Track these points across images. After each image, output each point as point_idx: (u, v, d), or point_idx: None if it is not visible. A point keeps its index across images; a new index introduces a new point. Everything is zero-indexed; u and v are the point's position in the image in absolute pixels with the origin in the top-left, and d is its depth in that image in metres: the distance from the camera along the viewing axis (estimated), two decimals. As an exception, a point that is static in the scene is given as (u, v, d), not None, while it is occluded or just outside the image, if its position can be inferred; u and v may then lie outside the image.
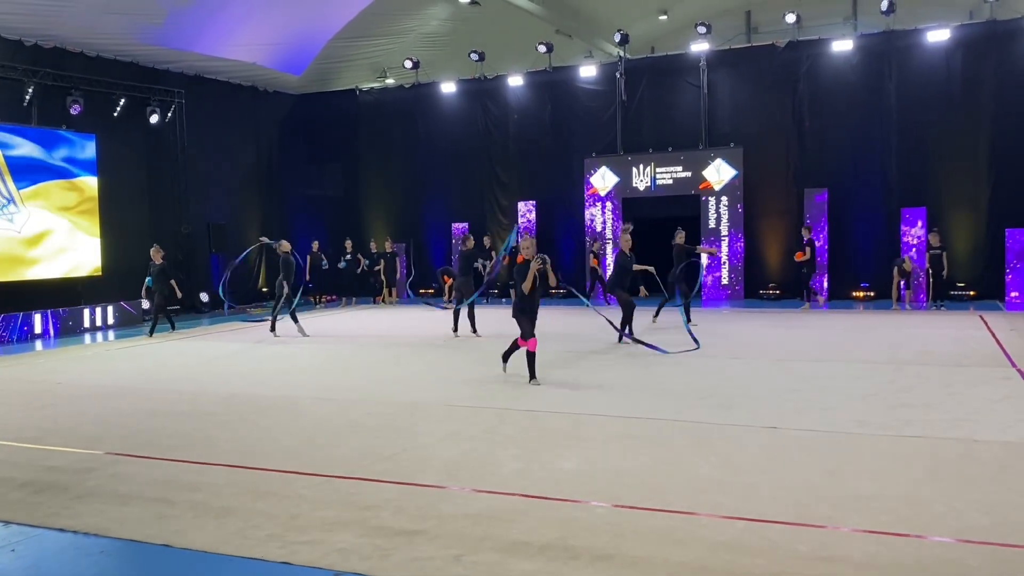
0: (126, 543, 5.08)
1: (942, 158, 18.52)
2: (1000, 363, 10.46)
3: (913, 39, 18.72)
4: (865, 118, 19.07)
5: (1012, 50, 18.09)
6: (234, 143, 22.47)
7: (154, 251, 16.21)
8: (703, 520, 5.15)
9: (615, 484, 5.90)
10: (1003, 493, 5.51)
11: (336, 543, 4.92)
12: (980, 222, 18.33)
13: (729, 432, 7.34)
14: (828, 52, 19.42)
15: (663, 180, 20.66)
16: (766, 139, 19.89)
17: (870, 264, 18.92)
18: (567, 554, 4.66)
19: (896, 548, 4.64)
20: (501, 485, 5.92)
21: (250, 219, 23.14)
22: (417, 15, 22.84)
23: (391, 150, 23.74)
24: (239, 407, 8.96)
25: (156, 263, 16.07)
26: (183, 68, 20.59)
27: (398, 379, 10.63)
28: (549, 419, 7.99)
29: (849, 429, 7.34)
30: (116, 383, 10.77)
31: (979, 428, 7.24)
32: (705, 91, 20.42)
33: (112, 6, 16.93)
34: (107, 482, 6.29)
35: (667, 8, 26.48)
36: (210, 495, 5.90)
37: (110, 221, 18.80)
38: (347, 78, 24.32)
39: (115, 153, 19.09)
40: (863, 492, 5.60)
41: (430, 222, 23.35)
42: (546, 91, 22.06)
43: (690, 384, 9.63)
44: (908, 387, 9.13)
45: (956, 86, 18.40)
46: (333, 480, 6.16)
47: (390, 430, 7.73)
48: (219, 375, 11.24)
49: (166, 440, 7.55)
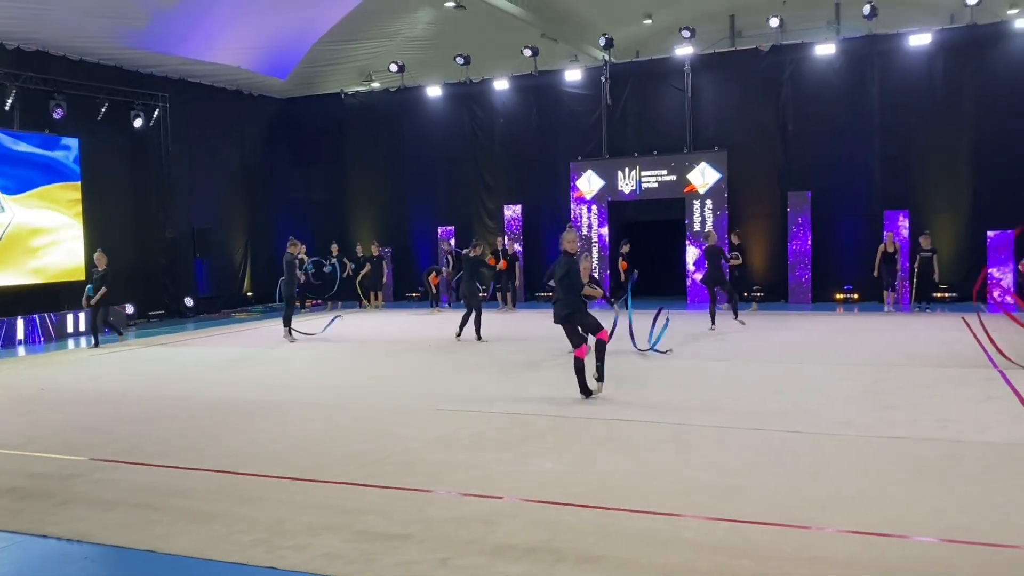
0: (111, 549, 5.06)
1: (924, 161, 18.69)
2: (982, 364, 10.56)
3: (895, 43, 18.88)
4: (848, 121, 19.21)
5: (992, 54, 18.27)
6: (219, 147, 22.38)
7: (98, 256, 15.32)
8: (688, 522, 5.18)
9: (601, 487, 5.92)
10: (985, 493, 5.56)
11: (322, 548, 4.91)
12: (961, 224, 18.49)
13: (714, 434, 7.38)
14: (811, 56, 19.56)
15: (648, 184, 20.73)
16: (750, 142, 19.99)
17: (853, 266, 19.04)
18: (553, 557, 4.67)
19: (880, 548, 4.67)
20: (487, 488, 5.93)
21: (235, 223, 23.05)
22: (402, 19, 22.84)
23: (377, 154, 23.72)
24: (224, 412, 8.93)
25: (100, 269, 15.16)
26: (167, 72, 20.50)
27: (384, 383, 10.62)
28: (535, 422, 8.01)
29: (833, 431, 7.39)
30: (100, 388, 10.71)
31: (962, 429, 7.31)
32: (689, 95, 20.51)
33: (95, 9, 16.83)
34: (91, 488, 6.25)
35: (652, 12, 26.58)
36: (195, 500, 5.88)
37: (94, 226, 18.69)
38: (333, 82, 24.28)
39: (99, 157, 18.98)
40: (847, 493, 5.64)
41: (416, 226, 23.34)
42: (532, 95, 22.11)
43: (674, 386, 9.66)
44: (892, 389, 9.20)
45: (938, 90, 18.58)
46: (319, 485, 6.15)
47: (376, 434, 7.72)
48: (204, 380, 11.19)
49: (151, 446, 7.51)
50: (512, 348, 13.35)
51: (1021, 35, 18.00)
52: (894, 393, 8.95)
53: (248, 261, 23.24)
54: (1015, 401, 8.35)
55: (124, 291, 19.12)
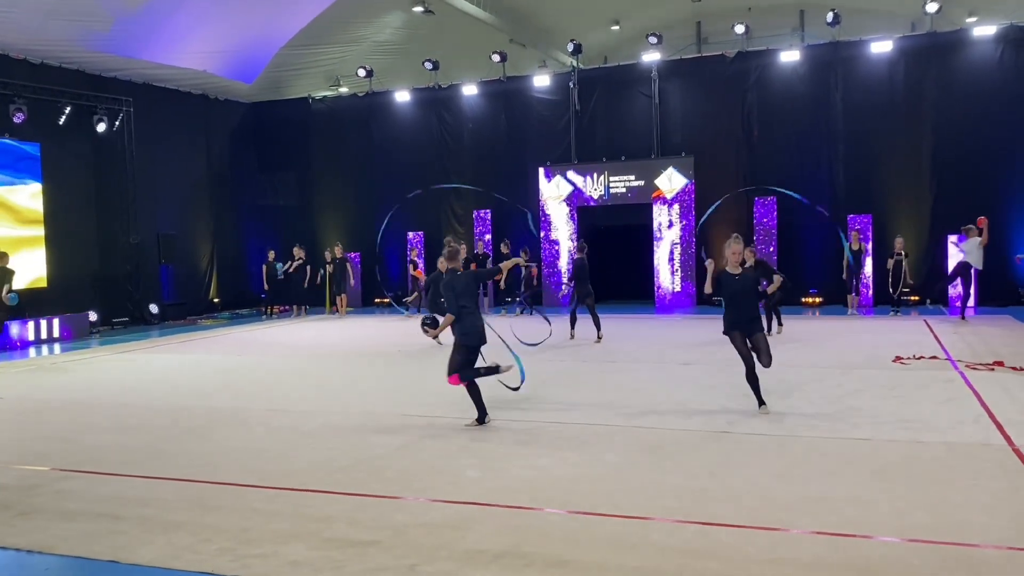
0: (72, 560, 4.98)
1: (887, 166, 19.01)
2: (944, 367, 10.73)
3: (858, 50, 19.20)
4: (812, 127, 19.48)
5: (951, 61, 18.65)
6: (184, 152, 22.15)
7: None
8: (656, 525, 5.21)
9: (569, 491, 5.93)
10: (946, 493, 5.66)
11: (289, 555, 4.87)
12: (923, 229, 18.80)
13: (681, 437, 7.43)
14: (776, 62, 19.81)
15: (616, 189, 20.85)
16: (716, 148, 20.18)
17: (818, 270, 19.29)
18: (522, 561, 4.67)
19: (844, 549, 4.74)
20: (456, 494, 5.92)
21: (201, 229, 22.81)
22: (371, 23, 22.77)
23: (345, 159, 23.60)
24: (189, 420, 8.83)
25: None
26: (131, 76, 20.23)
27: (352, 390, 10.56)
28: (504, 427, 8.01)
29: (799, 432, 7.47)
30: (62, 398, 10.53)
31: (924, 430, 7.43)
32: (657, 101, 20.67)
33: (57, 11, 16.56)
34: (53, 499, 6.14)
35: (619, 19, 26.76)
36: (159, 509, 5.80)
37: (55, 232, 18.40)
38: (300, 86, 24.13)
39: (61, 162, 18.69)
40: (812, 494, 5.71)
41: (386, 231, 23.20)
42: (500, 100, 22.15)
43: (641, 390, 9.71)
44: (856, 391, 9.32)
45: (899, 96, 18.91)
46: (285, 492, 6.10)
47: (344, 442, 7.68)
48: (169, 388, 11.04)
49: (114, 455, 7.40)
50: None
51: (979, 43, 18.39)
52: (859, 395, 9.08)
53: (214, 267, 23.00)
54: (975, 402, 8.50)
55: (87, 298, 18.87)
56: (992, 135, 18.06)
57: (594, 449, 7.11)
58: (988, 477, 5.98)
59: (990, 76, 18.26)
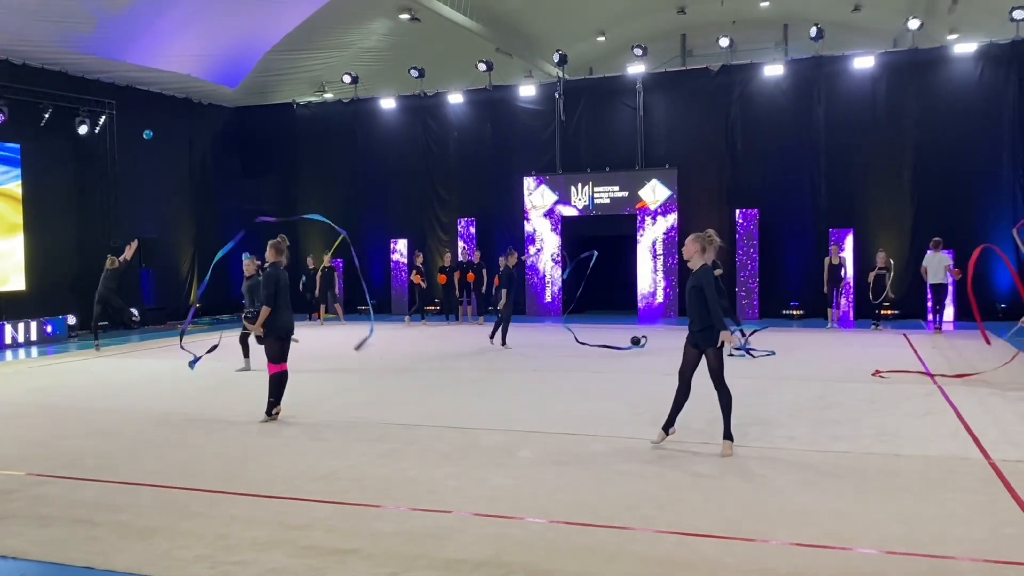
0: (47, 566, 4.92)
1: (868, 180, 19.19)
2: (922, 380, 10.82)
3: (840, 65, 19.39)
4: (795, 140, 19.64)
5: (932, 77, 18.87)
6: (167, 156, 21.98)
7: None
8: (636, 535, 5.21)
9: (550, 500, 5.93)
10: (924, 506, 5.70)
11: (267, 563, 4.83)
12: (904, 243, 18.96)
13: (661, 448, 7.44)
14: (760, 76, 19.97)
15: (600, 199, 20.92)
16: (700, 160, 20.30)
17: (800, 283, 19.42)
18: (502, 571, 4.66)
19: (822, 560, 4.76)
20: (436, 503, 5.90)
21: (183, 233, 22.65)
22: (357, 30, 22.75)
23: (329, 165, 23.53)
24: (167, 426, 8.76)
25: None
26: (114, 78, 20.10)
27: (333, 398, 10.52)
28: (484, 437, 8.00)
29: (778, 444, 7.51)
30: (39, 401, 10.41)
31: (902, 443, 7.48)
32: (641, 113, 20.78)
33: (39, 12, 16.42)
34: (28, 504, 6.07)
35: (605, 30, 26.91)
36: (136, 516, 5.75)
37: (35, 234, 18.23)
38: (284, 92, 24.06)
39: (41, 164, 18.52)
40: (791, 506, 5.73)
41: (369, 238, 23.17)
42: (486, 109, 22.18)
43: (623, 401, 9.73)
44: (835, 403, 9.38)
45: (881, 110, 19.10)
46: (264, 500, 6.06)
47: (323, 450, 7.64)
48: (148, 393, 10.96)
49: (91, 460, 7.33)
50: (471, 363, 13.34)
51: (960, 60, 18.63)
52: (838, 408, 9.13)
53: (195, 272, 22.82)
54: (953, 416, 8.57)
55: (66, 301, 18.68)
56: (972, 150, 18.29)
57: (573, 459, 7.10)
58: (965, 490, 6.03)
59: (970, 92, 18.49)
